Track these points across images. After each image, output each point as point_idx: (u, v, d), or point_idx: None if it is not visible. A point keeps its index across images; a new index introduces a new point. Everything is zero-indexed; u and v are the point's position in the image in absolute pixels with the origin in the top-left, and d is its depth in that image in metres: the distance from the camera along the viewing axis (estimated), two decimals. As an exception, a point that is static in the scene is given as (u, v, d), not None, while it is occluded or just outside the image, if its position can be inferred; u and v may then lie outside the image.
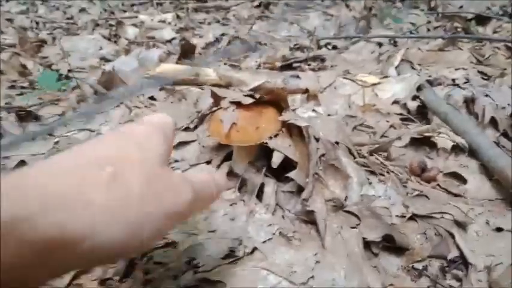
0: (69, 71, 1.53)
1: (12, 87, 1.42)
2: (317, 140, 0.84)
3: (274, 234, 0.65)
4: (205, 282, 0.57)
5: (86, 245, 0.28)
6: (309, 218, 0.69)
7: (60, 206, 0.27)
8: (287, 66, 1.52)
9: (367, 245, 0.65)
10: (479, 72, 1.29)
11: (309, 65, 1.56)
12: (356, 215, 0.69)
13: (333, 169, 0.78)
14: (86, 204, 0.28)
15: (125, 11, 2.87)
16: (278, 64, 1.50)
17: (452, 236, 0.64)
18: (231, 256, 0.61)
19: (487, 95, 1.06)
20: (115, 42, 2.03)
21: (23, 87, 1.43)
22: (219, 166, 0.83)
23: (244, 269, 0.59)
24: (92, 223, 0.28)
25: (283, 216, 0.70)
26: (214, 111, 1.01)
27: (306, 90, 0.94)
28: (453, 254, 0.62)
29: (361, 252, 0.62)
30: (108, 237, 0.29)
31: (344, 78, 1.21)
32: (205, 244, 0.63)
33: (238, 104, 0.74)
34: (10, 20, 2.40)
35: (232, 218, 0.68)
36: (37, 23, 2.43)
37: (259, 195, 0.73)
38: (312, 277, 0.57)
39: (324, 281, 0.57)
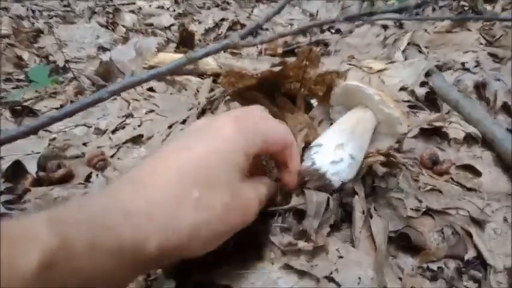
0: (66, 61, 1.49)
1: (7, 80, 1.38)
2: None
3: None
4: (211, 285, 0.54)
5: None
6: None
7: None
8: (289, 52, 1.47)
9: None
10: (489, 54, 1.23)
11: (311, 50, 1.50)
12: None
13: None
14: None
15: (122, -4, 2.79)
16: (280, 50, 1.45)
17: (469, 234, 0.61)
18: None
19: (498, 79, 1.02)
20: (112, 30, 1.97)
21: (19, 80, 1.39)
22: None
23: (255, 271, 0.55)
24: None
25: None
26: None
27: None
28: (470, 254, 0.58)
29: (385, 249, 0.58)
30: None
31: (349, 64, 1.16)
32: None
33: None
34: (6, 9, 2.33)
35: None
36: (33, 11, 2.36)
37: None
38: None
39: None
